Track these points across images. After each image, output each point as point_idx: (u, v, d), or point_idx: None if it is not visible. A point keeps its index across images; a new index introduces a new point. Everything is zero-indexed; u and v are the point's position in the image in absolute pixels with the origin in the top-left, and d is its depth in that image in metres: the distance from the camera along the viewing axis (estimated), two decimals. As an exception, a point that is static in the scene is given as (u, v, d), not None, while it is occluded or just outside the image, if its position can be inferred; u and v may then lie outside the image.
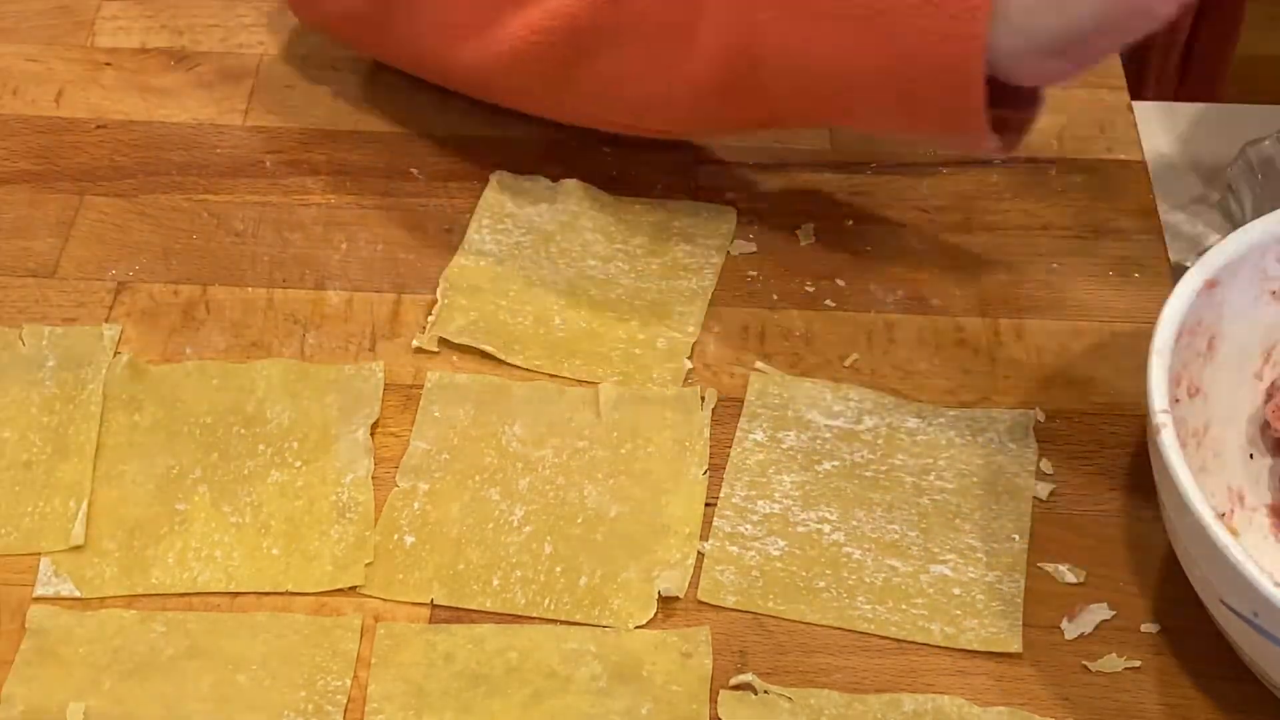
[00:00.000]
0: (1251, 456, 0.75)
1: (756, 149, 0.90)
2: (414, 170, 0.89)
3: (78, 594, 0.71)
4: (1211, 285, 0.71)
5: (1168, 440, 0.66)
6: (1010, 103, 0.76)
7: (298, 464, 0.75)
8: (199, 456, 0.75)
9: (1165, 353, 0.69)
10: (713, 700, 0.68)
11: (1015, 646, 0.70)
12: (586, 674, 0.69)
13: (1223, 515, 0.71)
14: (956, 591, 0.72)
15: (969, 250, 0.86)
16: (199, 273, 0.83)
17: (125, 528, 0.73)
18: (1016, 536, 0.74)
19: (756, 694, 0.69)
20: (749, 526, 0.74)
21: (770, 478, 0.76)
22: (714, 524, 0.74)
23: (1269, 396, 0.75)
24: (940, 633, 0.71)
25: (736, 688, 0.69)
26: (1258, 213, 0.82)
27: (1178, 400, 0.70)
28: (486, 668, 0.69)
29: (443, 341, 0.80)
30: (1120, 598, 0.72)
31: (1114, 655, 0.70)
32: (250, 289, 0.83)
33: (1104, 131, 0.91)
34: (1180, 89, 1.02)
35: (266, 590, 0.71)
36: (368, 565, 0.72)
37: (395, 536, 0.73)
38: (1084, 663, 0.70)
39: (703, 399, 0.78)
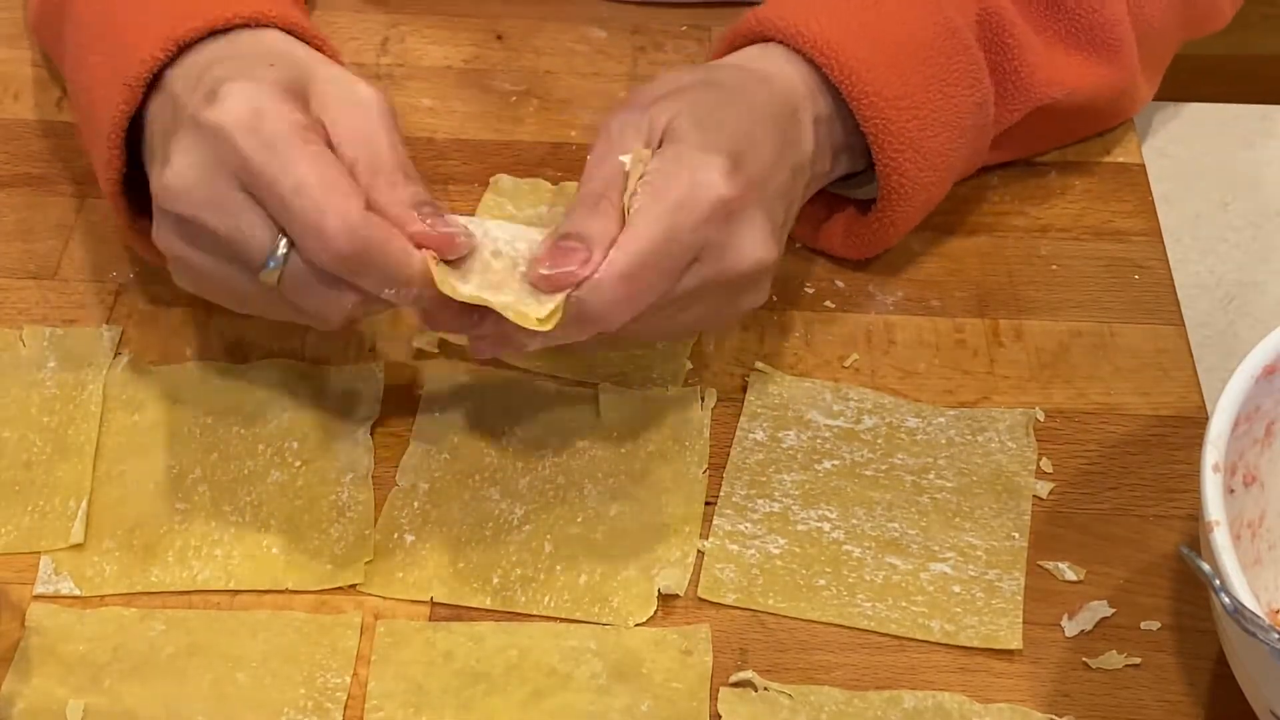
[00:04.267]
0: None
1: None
2: (414, 172, 0.89)
3: (78, 592, 0.71)
4: (1270, 371, 0.68)
5: (1221, 540, 0.62)
6: None
7: (298, 464, 0.75)
8: (199, 456, 0.75)
9: (1220, 442, 0.65)
10: (713, 698, 0.68)
11: (1015, 644, 0.70)
12: (586, 672, 0.69)
13: (1276, 611, 0.70)
14: (956, 589, 0.72)
15: (969, 250, 0.86)
16: (199, 274, 0.83)
17: (125, 526, 0.73)
18: (1016, 535, 0.74)
19: (756, 691, 0.69)
20: (749, 525, 0.74)
21: (770, 477, 0.76)
22: (714, 522, 0.74)
23: None
24: (940, 630, 0.71)
25: (736, 685, 0.69)
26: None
27: (1232, 490, 0.68)
28: (486, 665, 0.69)
29: (443, 342, 0.80)
30: (1120, 595, 0.72)
31: (1114, 652, 0.70)
32: (251, 290, 0.83)
33: (1103, 133, 0.91)
34: None
35: (266, 588, 0.71)
36: (368, 563, 0.72)
37: (395, 535, 0.73)
38: (1084, 660, 0.70)
39: (702, 399, 0.78)
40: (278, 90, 0.69)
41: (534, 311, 0.67)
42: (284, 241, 0.67)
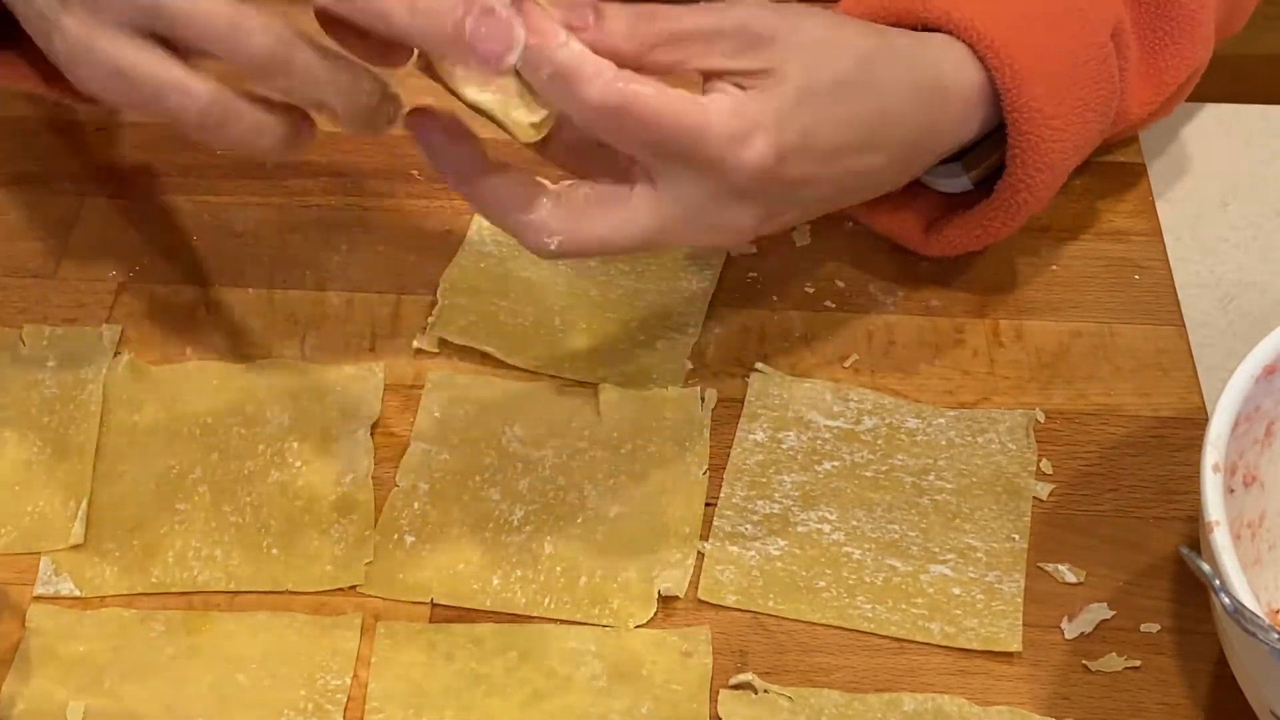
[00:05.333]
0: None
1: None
2: (414, 171, 0.89)
3: (78, 593, 0.71)
4: (1270, 371, 0.68)
5: (1221, 540, 0.61)
6: None
7: (298, 464, 0.75)
8: (199, 456, 0.75)
9: (1220, 443, 0.65)
10: (713, 699, 0.69)
11: (1015, 646, 0.70)
12: (586, 673, 0.69)
13: (1276, 611, 0.70)
14: (956, 591, 0.72)
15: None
16: (199, 273, 0.83)
17: (125, 527, 0.73)
18: (1016, 536, 0.74)
19: (756, 693, 0.69)
20: (749, 526, 0.74)
21: (770, 478, 0.76)
22: (714, 524, 0.74)
23: None
24: (940, 632, 0.71)
25: (736, 687, 0.69)
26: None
27: (1232, 490, 0.67)
28: (486, 667, 0.69)
29: (443, 342, 0.80)
30: (1120, 597, 0.72)
31: (1114, 655, 0.70)
32: (251, 290, 0.83)
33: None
34: None
35: (266, 589, 0.71)
36: (368, 564, 0.72)
37: (395, 536, 0.73)
38: (1084, 662, 0.70)
39: (703, 399, 0.78)
40: None
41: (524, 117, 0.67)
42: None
